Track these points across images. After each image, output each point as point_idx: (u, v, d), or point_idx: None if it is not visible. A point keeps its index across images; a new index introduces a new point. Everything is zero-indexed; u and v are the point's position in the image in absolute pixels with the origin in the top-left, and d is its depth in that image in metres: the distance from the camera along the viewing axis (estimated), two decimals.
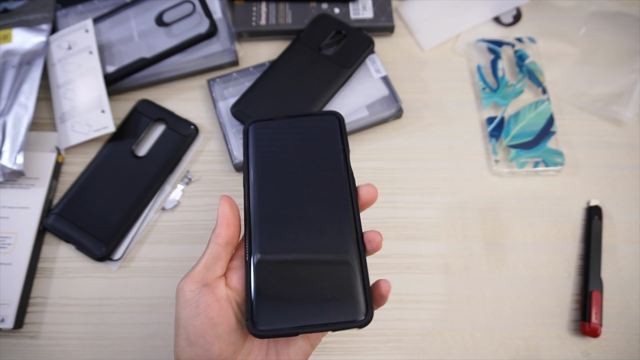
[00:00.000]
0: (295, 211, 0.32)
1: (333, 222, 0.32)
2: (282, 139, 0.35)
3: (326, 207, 0.33)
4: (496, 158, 0.51)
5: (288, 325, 0.29)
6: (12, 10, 0.54)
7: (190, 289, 0.30)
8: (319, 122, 0.36)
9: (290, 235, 0.32)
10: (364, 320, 0.29)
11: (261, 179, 0.34)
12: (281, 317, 0.30)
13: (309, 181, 0.33)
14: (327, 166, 0.34)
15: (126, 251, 0.47)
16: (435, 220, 0.49)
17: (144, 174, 0.49)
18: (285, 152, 0.35)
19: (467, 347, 0.44)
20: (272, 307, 0.30)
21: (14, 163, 0.46)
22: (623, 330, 0.45)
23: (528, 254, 0.48)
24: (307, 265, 0.31)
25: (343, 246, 0.31)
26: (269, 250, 0.31)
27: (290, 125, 0.36)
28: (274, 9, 0.56)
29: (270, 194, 0.33)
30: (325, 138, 0.35)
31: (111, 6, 0.55)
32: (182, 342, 0.30)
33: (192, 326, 0.29)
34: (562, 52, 0.56)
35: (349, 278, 0.31)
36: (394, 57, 0.56)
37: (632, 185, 0.50)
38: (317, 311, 0.30)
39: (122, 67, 0.52)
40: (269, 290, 0.30)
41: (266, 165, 0.34)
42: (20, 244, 0.45)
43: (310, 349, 0.33)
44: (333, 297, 0.30)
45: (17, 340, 0.44)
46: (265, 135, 0.35)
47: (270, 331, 0.29)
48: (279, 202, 0.33)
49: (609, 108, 0.53)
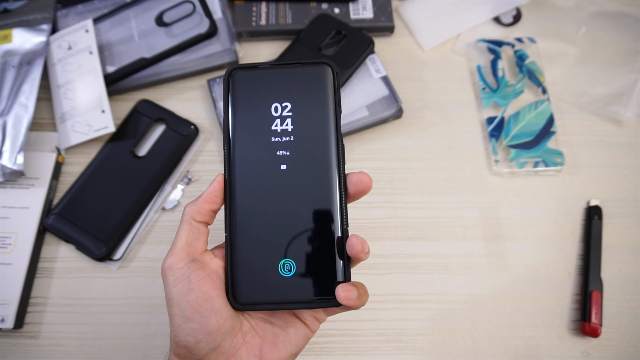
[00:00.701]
0: (278, 181, 0.31)
1: (317, 196, 0.30)
2: (267, 93, 0.31)
3: (311, 177, 0.31)
4: (496, 158, 0.51)
5: (267, 299, 0.30)
6: (12, 10, 0.54)
7: (178, 266, 0.29)
8: (309, 73, 0.31)
9: (271, 210, 0.30)
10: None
11: (242, 142, 0.31)
12: (260, 292, 0.30)
13: (295, 147, 0.31)
14: (315, 129, 0.31)
15: (126, 251, 0.47)
16: (435, 220, 0.49)
17: (144, 174, 0.49)
18: (270, 110, 0.31)
19: (467, 347, 0.44)
20: (251, 281, 0.30)
21: (14, 163, 0.46)
22: (623, 330, 0.45)
23: (528, 254, 0.48)
24: (288, 241, 0.30)
25: (325, 223, 0.30)
26: (248, 225, 0.30)
27: (277, 76, 0.32)
28: (274, 9, 0.56)
29: (251, 160, 0.31)
30: (315, 93, 0.31)
31: (111, 6, 0.55)
32: (178, 320, 0.29)
33: (187, 302, 0.29)
34: (562, 52, 0.56)
35: (330, 255, 0.30)
36: (394, 57, 0.56)
37: (632, 185, 0.50)
38: (296, 288, 0.30)
39: (122, 67, 0.52)
40: (249, 264, 0.30)
41: (249, 124, 0.31)
42: (21, 244, 0.45)
43: (309, 332, 0.33)
44: (313, 274, 0.30)
45: (17, 340, 0.44)
46: (249, 87, 0.32)
47: (249, 305, 0.30)
48: (260, 170, 0.31)
49: (609, 108, 0.53)
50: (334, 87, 0.31)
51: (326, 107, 0.31)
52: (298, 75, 0.32)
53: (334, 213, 0.30)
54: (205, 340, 0.29)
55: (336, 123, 0.31)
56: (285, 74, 0.32)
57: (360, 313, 0.45)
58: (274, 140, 0.31)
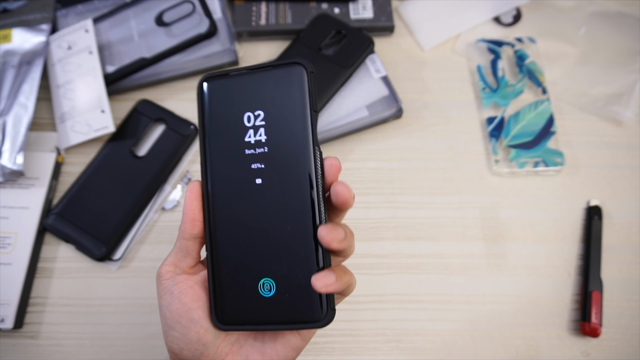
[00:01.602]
0: (254, 197, 0.29)
1: (293, 211, 0.29)
2: (239, 101, 0.30)
3: (286, 191, 0.29)
4: (496, 158, 0.51)
5: (250, 320, 0.30)
6: (12, 10, 0.54)
7: (165, 277, 0.31)
8: (281, 75, 0.30)
9: (248, 227, 0.30)
10: (323, 321, 0.28)
11: (217, 157, 0.30)
12: (244, 312, 0.30)
13: (269, 158, 0.29)
14: (289, 138, 0.29)
15: (126, 251, 0.47)
16: (435, 220, 0.49)
17: (144, 174, 0.49)
18: (242, 117, 0.30)
19: (467, 347, 0.44)
20: (233, 301, 0.30)
21: (13, 163, 0.46)
22: (623, 330, 0.45)
23: (528, 254, 0.48)
24: (267, 260, 0.29)
25: (304, 240, 0.29)
26: (227, 244, 0.30)
27: (249, 82, 0.30)
28: (273, 8, 0.56)
29: (227, 176, 0.30)
30: (288, 97, 0.29)
31: (111, 6, 0.55)
32: (164, 327, 0.31)
33: (169, 312, 0.30)
34: (562, 52, 0.56)
35: (310, 275, 0.28)
36: (394, 57, 0.56)
37: (632, 185, 0.50)
38: (278, 308, 0.29)
39: (122, 67, 0.52)
40: (230, 284, 0.30)
41: (222, 137, 0.30)
42: (20, 244, 0.45)
43: (302, 342, 0.32)
44: (294, 294, 0.29)
45: (17, 341, 0.44)
46: (221, 96, 0.30)
47: (233, 326, 0.30)
48: (236, 185, 0.30)
49: (609, 108, 0.53)
50: (309, 88, 0.29)
51: (300, 112, 0.29)
52: (270, 79, 0.30)
53: (311, 229, 0.28)
54: (187, 348, 0.30)
55: (312, 129, 0.29)
56: (257, 79, 0.30)
57: (360, 313, 0.45)
58: (248, 153, 0.30)
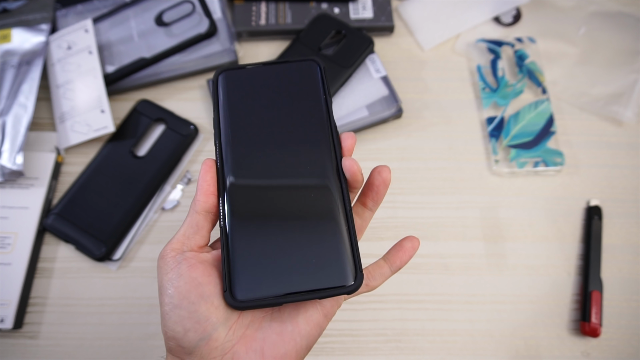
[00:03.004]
0: (273, 171, 0.30)
1: (315, 180, 0.29)
2: (256, 90, 0.31)
3: (307, 164, 0.30)
4: (496, 158, 0.51)
5: (270, 294, 0.27)
6: (12, 10, 0.54)
7: (170, 255, 0.28)
8: (296, 70, 0.32)
9: (268, 198, 0.29)
10: (353, 285, 0.27)
11: (234, 137, 0.30)
12: (262, 286, 0.27)
13: (288, 136, 0.30)
14: (307, 119, 0.31)
15: (126, 251, 0.47)
16: (435, 220, 0.49)
17: (144, 174, 0.49)
18: (260, 105, 0.31)
19: (467, 347, 0.44)
20: (251, 275, 0.27)
21: (13, 163, 0.46)
22: (623, 330, 0.45)
23: (528, 253, 0.48)
24: (288, 228, 0.28)
25: (327, 205, 0.29)
26: (244, 215, 0.29)
27: (265, 74, 0.32)
28: (273, 8, 0.56)
29: (244, 153, 0.30)
30: (305, 88, 0.31)
31: (111, 6, 0.55)
32: (165, 307, 0.27)
33: (175, 287, 0.27)
34: (562, 52, 0.56)
35: (335, 239, 0.28)
36: (394, 57, 0.56)
37: (632, 185, 0.50)
38: (301, 277, 0.27)
39: (121, 67, 0.52)
40: (247, 257, 0.28)
41: (239, 120, 0.31)
42: (20, 244, 0.45)
43: (324, 320, 0.29)
44: (318, 261, 0.28)
45: (17, 341, 0.44)
46: (238, 86, 0.31)
47: (250, 302, 0.27)
48: (254, 161, 0.30)
49: (609, 108, 0.53)
50: (322, 80, 0.32)
51: (316, 98, 0.31)
52: (286, 72, 0.32)
53: (337, 195, 0.29)
54: (194, 329, 0.26)
55: (328, 111, 0.31)
56: (274, 72, 0.32)
57: (360, 313, 0.45)
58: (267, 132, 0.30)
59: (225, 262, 0.28)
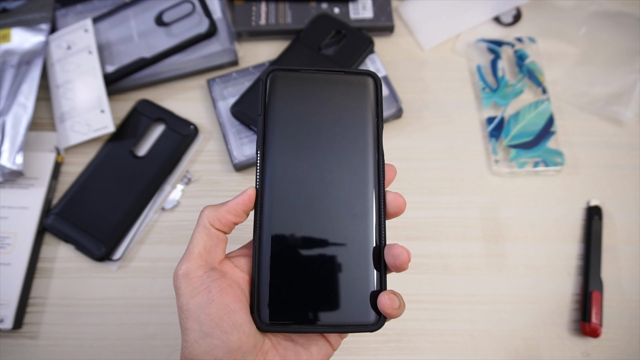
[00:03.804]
0: (315, 195, 0.29)
1: (355, 215, 0.28)
2: (306, 101, 0.30)
3: (349, 195, 0.29)
4: (496, 158, 0.51)
5: (297, 321, 0.27)
6: (11, 10, 0.54)
7: (197, 274, 0.27)
8: (351, 82, 0.30)
9: (306, 225, 0.28)
10: (375, 325, 0.28)
11: (279, 149, 0.29)
12: (291, 311, 0.27)
13: (333, 158, 0.29)
14: (356, 143, 0.29)
15: (126, 251, 0.47)
16: (435, 220, 0.49)
17: (144, 174, 0.49)
18: (310, 118, 0.29)
19: (467, 347, 0.44)
20: (281, 299, 0.27)
21: (13, 163, 0.46)
22: (623, 331, 0.45)
23: (528, 253, 0.48)
24: (322, 258, 0.28)
25: (363, 241, 0.29)
26: (281, 240, 0.28)
27: (318, 82, 0.30)
28: (273, 8, 0.56)
29: (288, 168, 0.29)
30: (357, 104, 0.30)
31: (110, 6, 0.55)
32: (194, 335, 0.26)
33: (206, 314, 0.26)
34: (562, 52, 0.56)
35: (365, 276, 0.28)
36: (394, 57, 0.56)
37: (632, 185, 0.50)
38: (328, 309, 0.27)
39: (121, 67, 0.52)
40: (279, 281, 0.27)
41: (286, 131, 0.29)
42: (20, 244, 0.45)
43: (332, 351, 0.30)
44: (348, 296, 0.28)
45: (16, 341, 0.44)
46: (288, 92, 0.29)
47: (277, 326, 0.27)
48: (297, 180, 0.29)
49: (609, 108, 0.53)
50: (376, 99, 0.30)
51: (366, 119, 0.30)
52: (340, 84, 0.30)
53: (371, 232, 0.29)
54: (225, 358, 0.26)
55: (378, 137, 0.30)
56: (328, 82, 0.30)
57: None
58: (312, 151, 0.29)
59: (256, 283, 0.27)
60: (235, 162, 0.49)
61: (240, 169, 0.50)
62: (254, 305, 0.27)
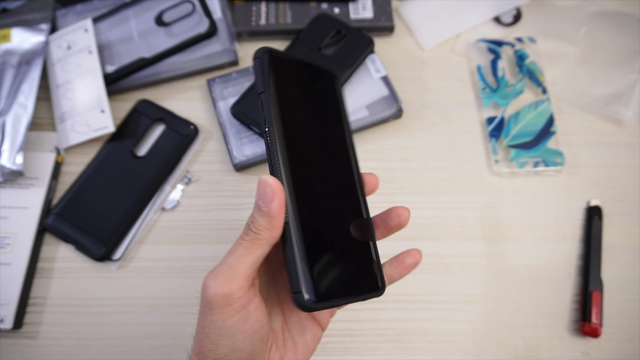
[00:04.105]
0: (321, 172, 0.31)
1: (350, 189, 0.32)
2: (296, 83, 0.32)
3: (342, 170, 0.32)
4: (496, 158, 0.51)
5: (331, 297, 0.28)
6: (11, 10, 0.54)
7: (238, 295, 0.26)
8: (321, 75, 0.34)
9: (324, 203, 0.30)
10: (382, 291, 0.31)
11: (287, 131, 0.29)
12: (329, 288, 0.28)
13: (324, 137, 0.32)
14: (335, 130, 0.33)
15: (126, 251, 0.47)
16: (435, 220, 0.49)
17: (144, 174, 0.49)
18: (302, 100, 0.31)
19: (467, 347, 0.44)
20: (321, 278, 0.28)
21: (13, 163, 0.46)
22: (623, 331, 0.45)
23: (528, 253, 0.48)
24: (341, 235, 0.31)
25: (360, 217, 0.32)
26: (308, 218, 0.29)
27: (302, 69, 0.32)
28: (273, 8, 0.56)
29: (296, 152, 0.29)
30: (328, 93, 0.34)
31: (111, 6, 0.55)
32: (225, 350, 0.26)
33: (241, 333, 0.26)
34: (562, 52, 0.56)
35: (367, 249, 0.32)
36: (394, 57, 0.56)
37: (632, 185, 0.50)
38: (349, 283, 0.30)
39: (121, 67, 0.52)
40: (315, 261, 0.28)
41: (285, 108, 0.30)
42: (20, 244, 0.45)
43: (321, 332, 0.33)
44: (359, 267, 0.31)
45: (16, 341, 0.44)
46: (282, 74, 0.31)
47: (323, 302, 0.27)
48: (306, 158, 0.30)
49: (609, 108, 0.53)
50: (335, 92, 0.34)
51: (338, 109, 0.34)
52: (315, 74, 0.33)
53: (362, 205, 0.33)
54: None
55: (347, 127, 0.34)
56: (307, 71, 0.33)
57: (360, 313, 0.45)
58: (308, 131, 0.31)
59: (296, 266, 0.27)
60: (235, 162, 0.49)
61: (241, 169, 0.50)
62: (298, 288, 0.27)
